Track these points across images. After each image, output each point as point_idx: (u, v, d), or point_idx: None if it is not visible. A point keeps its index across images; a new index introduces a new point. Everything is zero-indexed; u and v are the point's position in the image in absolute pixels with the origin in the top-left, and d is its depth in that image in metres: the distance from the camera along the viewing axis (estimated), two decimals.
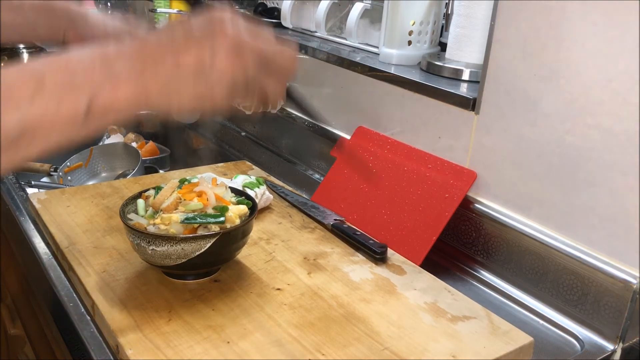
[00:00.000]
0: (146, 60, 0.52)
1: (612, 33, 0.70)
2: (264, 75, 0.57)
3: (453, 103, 0.91)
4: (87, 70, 0.49)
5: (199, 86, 0.53)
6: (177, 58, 0.52)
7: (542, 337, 0.75)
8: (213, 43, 0.53)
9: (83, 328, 0.70)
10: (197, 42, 0.53)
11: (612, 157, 0.72)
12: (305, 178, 1.21)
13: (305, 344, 0.64)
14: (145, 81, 0.51)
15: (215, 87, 0.54)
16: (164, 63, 0.52)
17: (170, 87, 0.52)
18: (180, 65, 0.52)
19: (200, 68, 0.53)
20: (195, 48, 0.52)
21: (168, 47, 0.53)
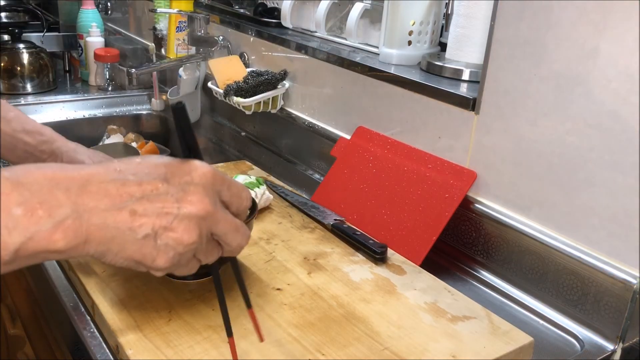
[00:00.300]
0: (95, 204, 0.46)
1: (612, 33, 0.70)
2: (211, 249, 0.54)
3: (453, 103, 0.91)
4: (27, 205, 0.43)
5: (143, 250, 0.49)
6: (134, 216, 0.47)
7: (542, 337, 0.75)
8: (178, 210, 0.49)
9: (83, 328, 0.70)
10: (160, 202, 0.48)
11: (612, 157, 0.72)
12: (305, 178, 1.21)
13: (305, 344, 0.64)
14: (84, 231, 0.46)
15: (158, 256, 0.50)
16: (117, 215, 0.47)
17: (114, 243, 0.48)
18: (134, 225, 0.47)
19: (152, 233, 0.48)
20: (157, 209, 0.48)
21: (127, 197, 0.47)
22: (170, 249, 0.50)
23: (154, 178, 0.49)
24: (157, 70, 1.65)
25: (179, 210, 0.49)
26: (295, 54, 1.23)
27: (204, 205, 0.50)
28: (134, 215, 0.47)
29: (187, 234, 0.49)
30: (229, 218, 0.53)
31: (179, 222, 0.49)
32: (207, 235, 0.52)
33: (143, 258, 0.49)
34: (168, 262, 0.50)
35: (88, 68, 1.82)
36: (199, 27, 1.48)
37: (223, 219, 0.52)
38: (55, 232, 0.44)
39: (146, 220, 0.48)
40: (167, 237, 0.49)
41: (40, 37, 2.00)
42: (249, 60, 1.40)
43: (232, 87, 1.24)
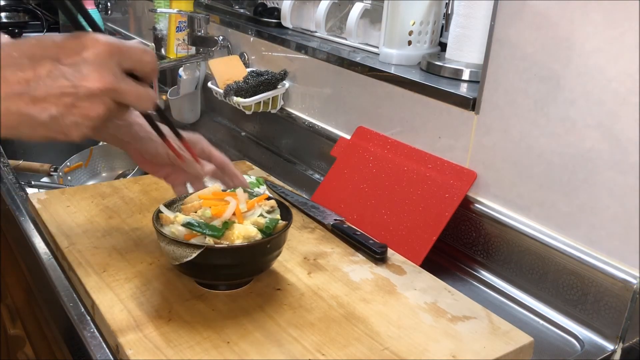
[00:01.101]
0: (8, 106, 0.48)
1: (612, 33, 0.70)
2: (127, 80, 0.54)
3: (453, 103, 0.91)
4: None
5: (53, 129, 0.51)
6: (35, 102, 0.49)
7: (542, 337, 0.75)
8: (76, 90, 0.50)
9: (83, 328, 0.70)
10: (57, 85, 0.49)
11: (612, 157, 0.72)
12: (305, 178, 1.21)
13: (305, 344, 0.64)
14: (2, 126, 0.48)
15: (70, 132, 0.52)
16: (18, 102, 0.48)
17: (23, 127, 0.50)
18: (36, 110, 0.49)
19: (57, 114, 0.50)
20: (56, 91, 0.49)
21: (24, 82, 0.48)
22: (80, 125, 0.51)
23: (47, 59, 0.49)
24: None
25: (77, 89, 0.50)
26: (295, 54, 1.23)
27: (102, 80, 0.50)
28: (35, 101, 0.49)
29: (92, 110, 0.51)
30: (131, 87, 0.53)
31: (82, 101, 0.50)
32: (114, 104, 0.53)
33: (56, 135, 0.51)
34: (81, 134, 0.52)
35: None
36: (199, 27, 1.48)
37: (126, 90, 0.53)
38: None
39: (48, 105, 0.49)
40: (73, 115, 0.50)
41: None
42: (249, 60, 1.40)
43: (232, 87, 1.24)
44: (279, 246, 0.73)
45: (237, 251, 0.68)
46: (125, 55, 0.53)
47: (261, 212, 0.74)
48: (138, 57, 0.54)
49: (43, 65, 0.49)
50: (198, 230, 0.68)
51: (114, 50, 0.52)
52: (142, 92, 0.55)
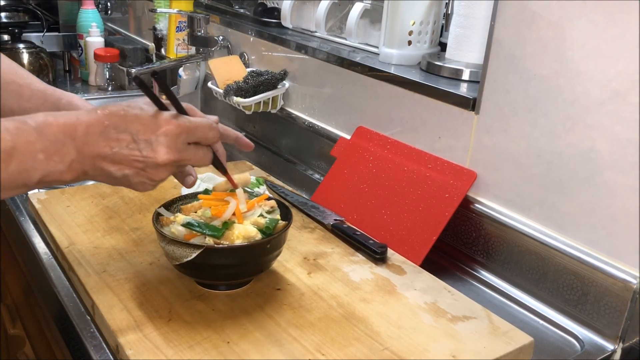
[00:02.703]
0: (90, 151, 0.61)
1: (612, 33, 0.70)
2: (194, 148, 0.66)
3: (453, 103, 0.91)
4: (47, 152, 0.58)
5: (124, 184, 0.64)
6: (114, 163, 0.62)
7: (542, 337, 0.75)
8: (145, 160, 0.62)
9: (83, 328, 0.70)
10: (132, 155, 0.62)
11: (612, 157, 0.72)
12: (305, 178, 1.21)
13: (305, 344, 0.64)
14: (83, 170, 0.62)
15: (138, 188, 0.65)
16: (102, 162, 0.62)
17: (102, 178, 0.64)
18: (114, 169, 0.62)
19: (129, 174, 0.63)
20: (130, 159, 0.62)
21: (109, 148, 0.61)
22: (146, 184, 0.65)
23: (129, 132, 0.62)
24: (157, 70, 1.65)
25: (146, 160, 0.62)
26: (295, 54, 1.23)
27: (167, 156, 0.63)
28: (114, 163, 0.62)
29: (157, 175, 0.64)
30: (191, 155, 0.65)
31: (149, 169, 0.63)
32: (176, 168, 0.66)
33: (122, 185, 0.65)
34: (146, 190, 0.66)
35: (88, 68, 1.82)
36: (199, 27, 1.48)
37: (187, 158, 0.65)
38: (65, 173, 0.60)
39: (123, 167, 0.63)
40: (141, 176, 0.64)
41: (40, 37, 2.00)
42: (249, 60, 1.40)
43: (232, 87, 1.24)
44: (279, 246, 0.73)
45: (237, 251, 0.68)
46: (191, 134, 0.64)
47: (261, 212, 0.74)
48: (203, 134, 0.65)
49: (125, 137, 0.62)
50: (198, 230, 0.68)
51: (183, 131, 0.63)
52: (200, 154, 0.66)
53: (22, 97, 0.79)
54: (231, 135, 0.84)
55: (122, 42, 1.89)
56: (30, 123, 0.58)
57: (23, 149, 0.57)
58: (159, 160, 0.62)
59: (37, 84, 0.81)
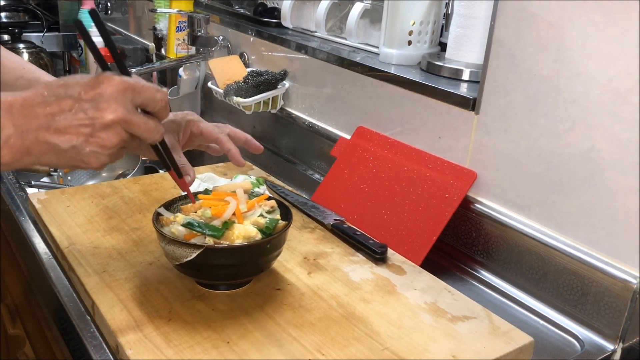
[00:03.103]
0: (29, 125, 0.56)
1: (612, 33, 0.70)
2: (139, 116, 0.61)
3: (453, 103, 0.91)
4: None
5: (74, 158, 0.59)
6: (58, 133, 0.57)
7: (542, 337, 0.75)
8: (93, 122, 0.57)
9: (83, 328, 0.70)
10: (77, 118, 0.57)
11: (612, 157, 0.72)
12: (305, 178, 1.21)
13: (305, 344, 0.64)
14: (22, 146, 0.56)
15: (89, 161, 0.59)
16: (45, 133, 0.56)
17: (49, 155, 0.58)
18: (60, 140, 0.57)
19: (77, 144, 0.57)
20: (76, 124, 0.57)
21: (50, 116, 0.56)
22: (99, 154, 0.59)
23: (69, 96, 0.57)
24: (157, 70, 1.65)
25: (93, 121, 0.57)
26: (295, 54, 1.23)
27: (116, 113, 0.57)
28: (58, 132, 0.57)
29: (108, 140, 0.58)
30: (141, 120, 0.60)
31: (99, 132, 0.58)
32: (127, 135, 0.60)
33: (76, 164, 0.60)
34: (100, 163, 0.60)
35: (88, 68, 1.82)
36: (199, 27, 1.48)
37: (137, 122, 0.59)
38: (2, 150, 0.55)
39: (69, 136, 0.57)
40: (91, 145, 0.58)
41: (40, 37, 2.01)
42: (249, 60, 1.40)
43: (232, 87, 1.24)
44: (278, 246, 0.73)
45: (237, 251, 0.68)
46: (138, 92, 0.59)
47: (261, 212, 0.74)
48: (150, 95, 0.61)
49: (66, 102, 0.57)
50: (198, 230, 0.68)
51: (128, 87, 0.59)
52: (151, 125, 0.61)
53: None
54: (241, 137, 0.84)
55: (122, 42, 1.89)
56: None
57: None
58: (107, 118, 0.57)
59: (45, 77, 0.81)
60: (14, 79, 0.79)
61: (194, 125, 0.83)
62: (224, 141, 0.77)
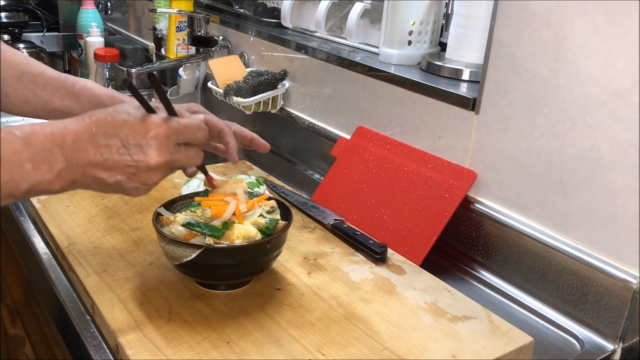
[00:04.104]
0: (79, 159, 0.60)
1: (612, 33, 0.70)
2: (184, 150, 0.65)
3: (453, 103, 0.91)
4: (35, 162, 0.58)
5: (117, 190, 0.63)
6: (105, 170, 0.61)
7: (542, 337, 0.75)
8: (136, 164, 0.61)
9: (83, 328, 0.70)
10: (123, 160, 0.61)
11: (612, 157, 0.72)
12: (305, 178, 1.21)
13: (305, 344, 0.64)
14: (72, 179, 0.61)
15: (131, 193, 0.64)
16: (93, 169, 0.61)
17: (94, 186, 0.63)
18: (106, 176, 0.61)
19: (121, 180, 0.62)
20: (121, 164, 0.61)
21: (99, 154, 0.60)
22: (140, 189, 0.64)
23: (117, 137, 0.61)
24: (157, 70, 1.65)
25: (138, 164, 0.61)
26: (295, 54, 1.23)
27: (160, 158, 0.62)
28: (105, 169, 0.61)
29: (149, 179, 0.63)
30: (183, 156, 0.64)
31: (142, 173, 0.62)
32: (169, 171, 0.65)
33: (116, 192, 0.64)
34: (139, 195, 0.65)
35: (88, 68, 1.82)
36: (199, 27, 1.48)
37: (179, 159, 0.64)
38: (54, 182, 0.59)
39: (115, 173, 0.62)
40: (134, 181, 0.63)
41: (40, 37, 2.01)
42: (249, 60, 1.40)
43: (232, 87, 1.24)
44: (278, 246, 0.73)
45: (237, 251, 0.68)
46: (181, 135, 0.63)
47: (261, 212, 0.74)
48: (192, 135, 0.65)
49: (114, 142, 0.61)
50: (198, 230, 0.68)
51: (172, 132, 0.62)
52: (191, 154, 0.65)
53: (37, 85, 0.80)
54: (247, 136, 0.84)
55: (122, 42, 1.89)
56: (17, 133, 0.58)
57: (10, 158, 0.56)
58: (151, 163, 0.61)
59: (50, 71, 0.82)
60: (19, 74, 0.79)
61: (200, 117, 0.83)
62: (226, 133, 0.77)
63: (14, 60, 0.80)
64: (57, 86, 0.81)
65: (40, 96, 0.80)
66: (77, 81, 0.82)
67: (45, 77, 0.80)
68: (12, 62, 0.80)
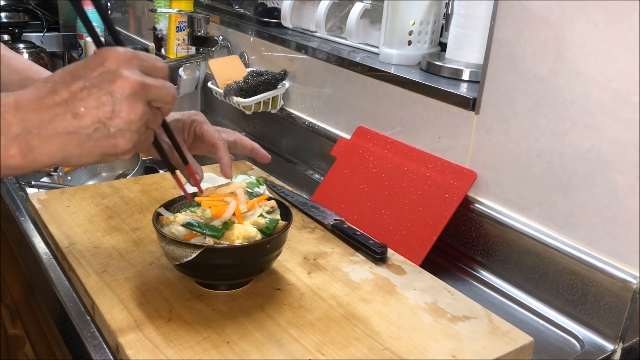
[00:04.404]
0: (40, 118, 0.51)
1: (612, 33, 0.70)
2: (155, 114, 0.57)
3: (453, 103, 0.91)
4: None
5: (101, 142, 0.53)
6: (77, 117, 0.51)
7: (542, 337, 0.75)
8: (111, 96, 0.52)
9: (83, 328, 0.70)
10: (92, 96, 0.52)
11: (612, 157, 0.72)
12: (305, 178, 1.21)
13: (305, 344, 0.64)
14: (37, 144, 0.51)
15: (118, 141, 0.53)
16: (62, 122, 0.51)
17: (71, 147, 0.52)
18: (81, 124, 0.51)
19: (101, 125, 0.52)
20: (94, 102, 0.52)
21: (63, 103, 0.51)
22: (126, 131, 0.53)
23: (77, 78, 0.52)
24: None
25: (112, 95, 0.52)
26: (295, 54, 1.23)
27: (131, 81, 0.53)
28: (76, 117, 0.51)
29: (132, 111, 0.53)
30: (154, 81, 0.56)
31: (120, 105, 0.52)
32: (148, 106, 0.55)
33: (105, 149, 0.53)
34: (130, 143, 0.54)
35: None
36: (199, 27, 1.48)
37: (152, 84, 0.55)
38: (10, 148, 0.49)
39: (90, 117, 0.51)
40: (116, 122, 0.52)
41: (40, 37, 2.01)
42: (249, 60, 1.40)
43: (232, 87, 1.24)
44: (278, 246, 0.73)
45: (237, 251, 0.68)
46: (141, 59, 0.56)
47: (261, 212, 0.74)
48: (152, 62, 0.57)
49: (75, 84, 0.52)
50: (198, 230, 0.68)
51: (131, 56, 0.55)
52: (165, 84, 0.57)
53: None
54: (247, 146, 0.82)
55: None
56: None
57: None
58: (126, 85, 0.52)
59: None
60: (22, 79, 0.77)
61: (198, 126, 0.80)
62: (219, 148, 0.75)
63: (17, 66, 0.78)
64: None
65: None
66: None
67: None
68: (15, 67, 0.78)
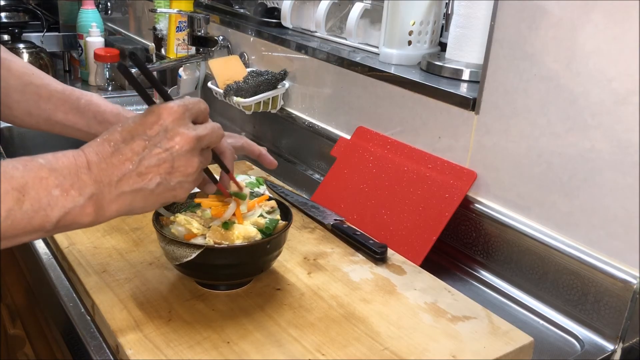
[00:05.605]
0: (109, 179, 0.56)
1: (612, 33, 0.70)
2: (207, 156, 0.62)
3: (453, 103, 0.91)
4: (63, 187, 0.53)
5: (162, 195, 0.59)
6: (141, 175, 0.56)
7: (542, 337, 0.75)
8: (170, 153, 0.57)
9: (83, 328, 0.70)
10: (153, 155, 0.57)
11: (612, 157, 0.72)
12: (305, 178, 1.21)
13: (305, 344, 0.64)
14: (107, 203, 0.56)
15: (177, 193, 0.59)
16: (129, 180, 0.56)
17: (136, 202, 0.58)
18: (144, 182, 0.57)
19: (162, 180, 0.57)
20: (155, 161, 0.57)
21: (128, 163, 0.56)
22: (184, 182, 0.59)
23: (137, 137, 0.57)
24: (157, 70, 1.65)
25: (171, 152, 0.57)
26: (295, 54, 1.23)
27: (187, 137, 0.57)
28: (141, 175, 0.56)
29: (190, 165, 0.58)
30: (206, 130, 0.60)
31: (179, 160, 0.57)
32: (202, 153, 0.60)
33: (166, 199, 0.59)
34: (187, 192, 0.60)
35: (88, 68, 1.82)
36: (199, 27, 1.48)
37: (205, 133, 0.60)
38: (86, 207, 0.55)
39: (152, 174, 0.57)
40: (176, 176, 0.58)
41: (40, 37, 2.01)
42: (249, 60, 1.40)
43: (232, 87, 1.24)
44: (279, 246, 0.73)
45: (237, 251, 0.68)
46: (190, 109, 0.59)
47: (261, 212, 0.74)
48: (198, 107, 0.61)
49: (137, 143, 0.57)
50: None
51: (183, 110, 0.59)
52: (214, 126, 0.61)
53: (41, 98, 0.77)
54: (254, 150, 0.83)
55: (122, 42, 1.89)
56: (39, 160, 0.54)
57: (36, 185, 0.52)
58: (183, 142, 0.57)
59: (55, 84, 0.79)
60: (23, 85, 0.77)
61: None
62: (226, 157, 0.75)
63: (18, 70, 0.77)
64: (61, 99, 0.78)
65: (44, 109, 0.77)
66: (82, 95, 0.79)
67: (49, 90, 0.78)
68: (16, 72, 0.77)
